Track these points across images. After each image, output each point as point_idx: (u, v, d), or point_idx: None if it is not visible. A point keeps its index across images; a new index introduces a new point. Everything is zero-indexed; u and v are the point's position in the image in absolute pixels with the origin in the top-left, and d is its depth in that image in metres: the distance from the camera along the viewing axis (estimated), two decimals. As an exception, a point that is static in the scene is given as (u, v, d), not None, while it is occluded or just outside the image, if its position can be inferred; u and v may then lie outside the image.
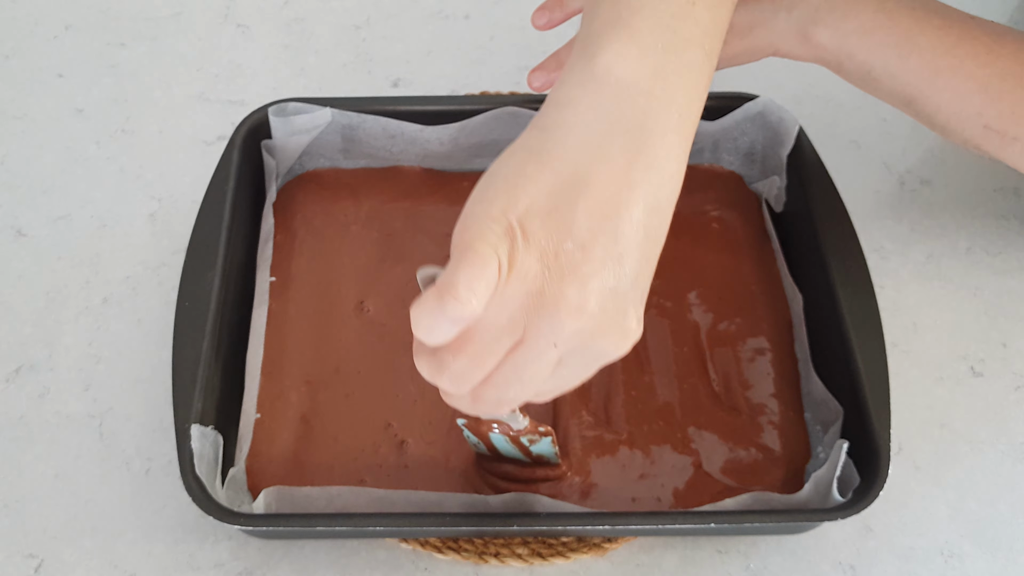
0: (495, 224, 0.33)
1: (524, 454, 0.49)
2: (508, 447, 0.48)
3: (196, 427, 0.48)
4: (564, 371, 0.35)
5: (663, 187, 0.35)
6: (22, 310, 0.59)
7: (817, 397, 0.53)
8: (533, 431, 0.46)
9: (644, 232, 0.34)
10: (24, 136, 0.67)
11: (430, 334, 0.33)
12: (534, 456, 0.49)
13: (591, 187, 0.33)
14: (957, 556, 0.51)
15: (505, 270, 0.32)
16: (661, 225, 0.35)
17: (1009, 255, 0.62)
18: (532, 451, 0.48)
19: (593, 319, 0.33)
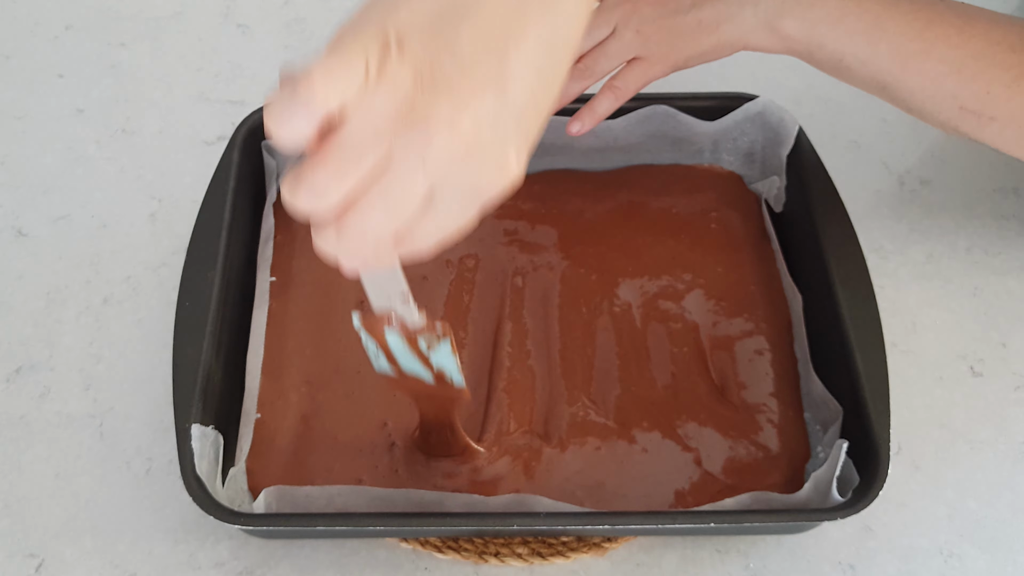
0: (370, 28, 0.31)
1: (425, 365, 0.45)
2: (408, 358, 0.45)
3: (196, 427, 0.48)
4: (438, 208, 0.32)
5: (560, 28, 0.33)
6: (23, 310, 0.59)
7: (817, 397, 0.53)
8: (430, 330, 0.43)
9: (535, 69, 0.32)
10: (25, 136, 0.67)
11: (281, 126, 0.30)
12: (436, 371, 0.45)
13: (480, 13, 0.31)
14: (957, 556, 0.51)
15: (373, 74, 0.30)
16: (554, 69, 0.33)
17: (1009, 255, 0.62)
18: (433, 362, 0.45)
19: (465, 142, 0.30)
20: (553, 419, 0.53)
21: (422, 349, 0.45)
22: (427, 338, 0.44)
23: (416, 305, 0.43)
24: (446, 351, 0.45)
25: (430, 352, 0.45)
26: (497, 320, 0.56)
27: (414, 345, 0.45)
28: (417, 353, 0.45)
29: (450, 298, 0.57)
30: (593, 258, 0.59)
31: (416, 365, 0.46)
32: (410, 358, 0.46)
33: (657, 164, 0.63)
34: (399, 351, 0.46)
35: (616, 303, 0.57)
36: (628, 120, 0.59)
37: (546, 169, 0.63)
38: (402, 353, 0.46)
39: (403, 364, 0.46)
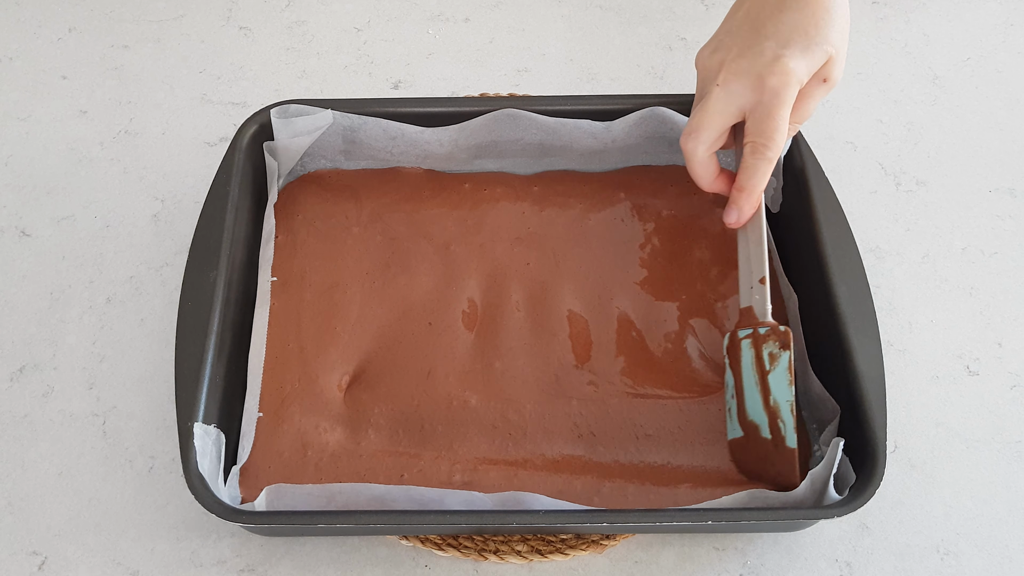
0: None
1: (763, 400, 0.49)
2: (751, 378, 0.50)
3: (199, 425, 0.48)
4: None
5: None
6: (26, 310, 0.60)
7: (814, 396, 0.53)
8: (772, 331, 0.49)
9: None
10: (28, 137, 0.68)
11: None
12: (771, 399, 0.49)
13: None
14: (953, 554, 0.51)
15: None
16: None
17: (1004, 255, 0.62)
18: (771, 388, 0.49)
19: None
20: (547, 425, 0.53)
21: (764, 364, 0.49)
22: (770, 344, 0.49)
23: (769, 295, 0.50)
24: (783, 370, 0.49)
25: (771, 371, 0.49)
26: (497, 318, 0.57)
27: (758, 360, 0.50)
28: (759, 372, 0.49)
29: (452, 297, 0.58)
30: (592, 258, 0.59)
31: (756, 396, 0.50)
32: (752, 385, 0.50)
33: (655, 165, 0.63)
34: (747, 376, 0.50)
35: (614, 303, 0.58)
36: (626, 122, 0.60)
37: (545, 170, 0.63)
38: (748, 378, 0.50)
39: (747, 397, 0.50)
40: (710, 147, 0.51)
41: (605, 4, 0.76)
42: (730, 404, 0.51)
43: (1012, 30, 0.74)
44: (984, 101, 0.70)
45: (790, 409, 0.49)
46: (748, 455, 0.51)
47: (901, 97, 0.70)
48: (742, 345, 0.51)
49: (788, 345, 0.49)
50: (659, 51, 0.73)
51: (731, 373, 0.51)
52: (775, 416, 0.49)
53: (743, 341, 0.51)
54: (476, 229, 0.61)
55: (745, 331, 0.51)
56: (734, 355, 0.51)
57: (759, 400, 0.50)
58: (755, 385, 0.50)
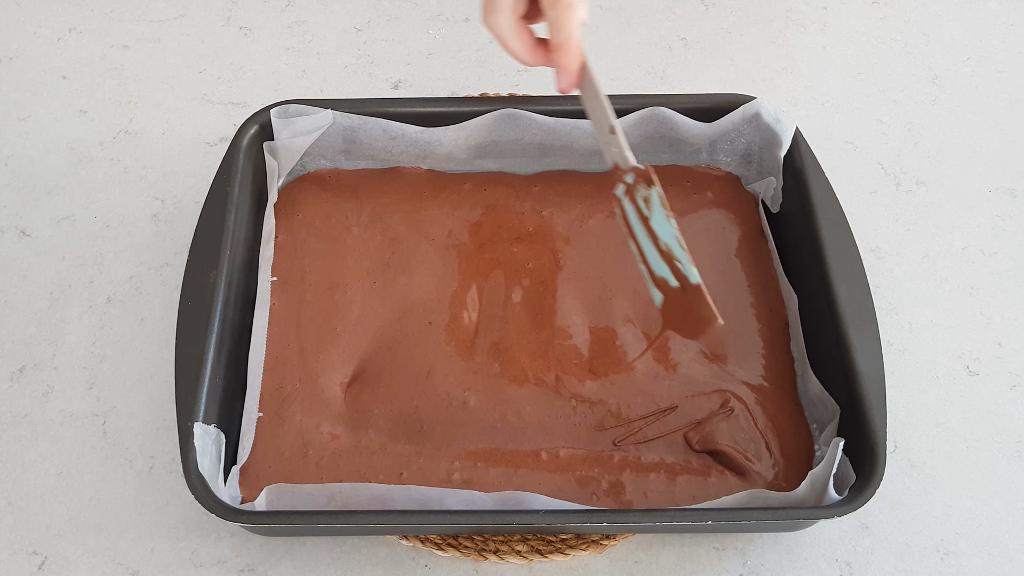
0: None
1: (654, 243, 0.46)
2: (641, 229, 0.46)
3: (199, 425, 0.48)
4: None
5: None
6: (26, 310, 0.60)
7: (814, 396, 0.53)
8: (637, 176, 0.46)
9: None
10: (28, 137, 0.68)
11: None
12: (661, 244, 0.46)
13: None
14: (953, 554, 0.51)
15: None
16: None
17: (1004, 255, 0.62)
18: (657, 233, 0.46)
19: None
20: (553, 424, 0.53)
21: (643, 211, 0.46)
22: (640, 189, 0.46)
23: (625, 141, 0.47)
24: (659, 208, 0.46)
25: (650, 216, 0.46)
26: (497, 319, 0.57)
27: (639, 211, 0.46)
28: (642, 222, 0.46)
29: (455, 296, 0.58)
30: (591, 258, 0.59)
31: (651, 248, 0.46)
32: (645, 238, 0.46)
33: (655, 165, 0.63)
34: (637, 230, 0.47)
35: (614, 303, 0.58)
36: (626, 122, 0.60)
37: (545, 170, 0.63)
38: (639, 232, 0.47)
39: (647, 254, 0.47)
40: (512, 13, 0.45)
41: (605, 4, 0.76)
42: (641, 269, 0.47)
43: (1012, 30, 0.74)
44: (984, 101, 0.70)
45: (679, 245, 0.46)
46: (675, 316, 0.47)
47: (901, 97, 0.70)
48: (623, 203, 0.47)
49: (652, 180, 0.46)
50: (659, 51, 0.73)
51: (630, 240, 0.47)
52: (671, 259, 0.46)
53: (623, 199, 0.47)
54: (476, 229, 0.61)
55: (619, 187, 0.47)
56: (624, 217, 0.47)
57: (655, 250, 0.47)
58: (646, 237, 0.47)
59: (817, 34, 0.74)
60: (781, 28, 0.74)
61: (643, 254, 0.48)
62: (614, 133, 0.46)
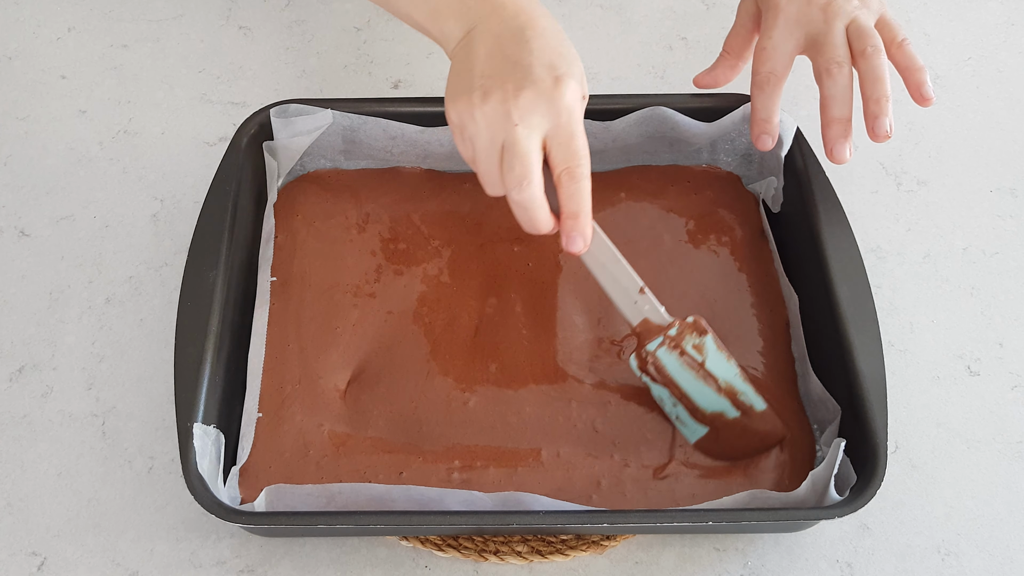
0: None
1: (712, 385, 0.50)
2: (692, 381, 0.50)
3: (198, 426, 0.48)
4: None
5: None
6: (25, 310, 0.59)
7: (815, 396, 0.53)
8: (683, 327, 0.49)
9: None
10: (27, 137, 0.68)
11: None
12: (724, 388, 0.50)
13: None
14: (954, 554, 0.51)
15: None
16: None
17: (1006, 255, 0.62)
18: (716, 375, 0.50)
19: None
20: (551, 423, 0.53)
21: (695, 358, 0.50)
22: (689, 339, 0.49)
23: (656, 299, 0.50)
24: (715, 352, 0.50)
25: (706, 360, 0.50)
26: (497, 319, 0.57)
27: (686, 358, 0.50)
28: (694, 368, 0.50)
29: (455, 296, 0.58)
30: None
31: (704, 389, 0.50)
32: (693, 380, 0.50)
33: (655, 165, 0.63)
34: (682, 377, 0.50)
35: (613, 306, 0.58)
36: (626, 121, 0.60)
37: (545, 170, 0.63)
38: (685, 378, 0.50)
39: (694, 395, 0.50)
40: (542, 187, 0.48)
41: (605, 4, 0.75)
42: (675, 413, 0.52)
43: (1013, 30, 0.74)
44: (985, 101, 0.70)
45: (742, 379, 0.51)
46: (724, 443, 0.51)
47: (902, 97, 0.70)
48: (659, 356, 0.51)
49: (704, 330, 0.50)
50: (659, 51, 0.73)
51: (659, 387, 0.51)
52: (734, 394, 0.51)
53: (658, 351, 0.51)
54: (476, 229, 0.61)
55: (655, 342, 0.51)
56: (658, 368, 0.51)
57: (710, 391, 0.51)
58: (697, 380, 0.51)
59: (818, 34, 0.74)
60: (782, 28, 0.74)
61: (687, 398, 0.51)
62: (644, 292, 0.50)
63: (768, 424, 0.51)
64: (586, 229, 0.48)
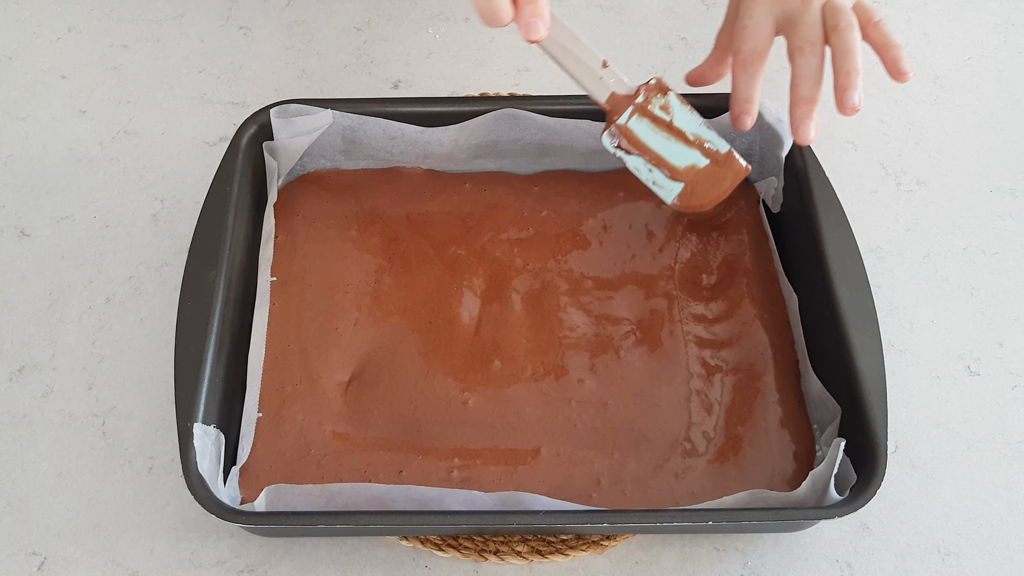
0: None
1: (683, 141, 0.51)
2: (665, 142, 0.51)
3: (198, 426, 0.48)
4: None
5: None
6: (25, 310, 0.59)
7: (815, 396, 0.53)
8: (648, 91, 0.51)
9: None
10: (27, 137, 0.68)
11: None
12: (689, 136, 0.52)
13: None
14: (954, 554, 0.51)
15: None
16: None
17: (1005, 255, 0.62)
18: (685, 131, 0.51)
19: None
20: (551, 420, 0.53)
21: (663, 119, 0.51)
22: (655, 101, 0.51)
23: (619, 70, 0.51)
24: (680, 107, 0.51)
25: (673, 118, 0.51)
26: (496, 319, 0.57)
27: (655, 120, 0.51)
28: (664, 127, 0.51)
29: (452, 297, 0.58)
30: (592, 258, 0.59)
31: (677, 147, 0.52)
32: (666, 141, 0.52)
33: (656, 165, 0.63)
34: (654, 141, 0.52)
35: (613, 303, 0.58)
36: (627, 121, 0.60)
37: (545, 170, 0.63)
38: (657, 141, 0.52)
39: (667, 155, 0.52)
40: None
41: (605, 4, 0.75)
42: (652, 178, 0.53)
43: (1013, 30, 0.74)
44: (985, 101, 0.70)
45: (706, 127, 0.53)
46: (699, 193, 0.54)
47: (902, 97, 0.70)
48: (631, 126, 0.52)
49: (666, 88, 0.52)
50: (659, 51, 0.73)
51: (634, 157, 0.53)
52: (702, 143, 0.53)
53: (630, 122, 0.52)
54: (476, 229, 0.61)
55: (625, 114, 0.52)
56: (631, 139, 0.52)
57: (681, 146, 0.53)
58: (668, 139, 0.52)
59: (818, 34, 0.74)
60: (781, 28, 0.74)
61: (661, 159, 0.53)
62: (607, 67, 0.50)
63: (733, 164, 0.53)
64: (544, 12, 0.48)
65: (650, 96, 0.51)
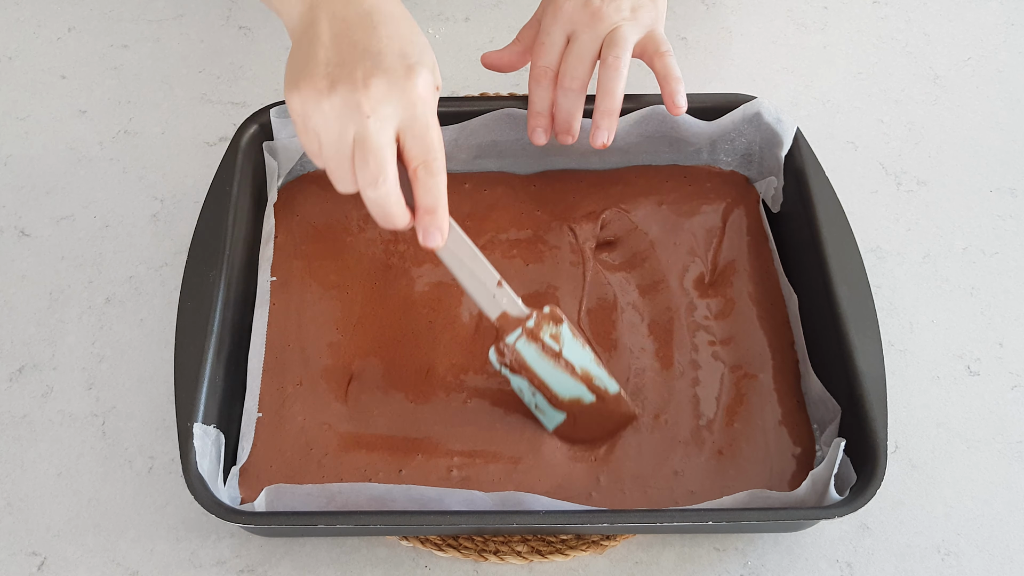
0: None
1: (571, 373, 0.51)
2: (551, 371, 0.51)
3: (198, 426, 0.48)
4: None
5: None
6: (25, 310, 0.59)
7: (815, 396, 0.53)
8: (541, 318, 0.50)
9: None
10: (27, 137, 0.68)
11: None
12: (582, 376, 0.51)
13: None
14: (954, 554, 0.51)
15: None
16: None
17: (1005, 255, 0.62)
18: (574, 364, 0.51)
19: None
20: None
21: (552, 348, 0.50)
22: (546, 329, 0.50)
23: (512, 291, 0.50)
24: (571, 340, 0.51)
25: (563, 349, 0.50)
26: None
27: (544, 347, 0.50)
28: (552, 356, 0.51)
29: (452, 297, 0.58)
30: (589, 258, 0.59)
31: (564, 378, 0.51)
32: (552, 370, 0.51)
33: (655, 165, 0.63)
34: (541, 367, 0.51)
35: (613, 303, 0.57)
36: (626, 121, 0.60)
37: (545, 169, 0.63)
38: (544, 367, 0.51)
39: (552, 383, 0.51)
40: (397, 183, 0.45)
41: (605, 4, 0.75)
42: (534, 402, 0.52)
43: (1013, 30, 0.74)
44: (985, 101, 0.70)
45: (596, 364, 0.52)
46: (581, 427, 0.52)
47: (902, 97, 0.70)
48: (518, 348, 0.51)
49: (560, 318, 0.51)
50: (659, 51, 0.72)
51: (518, 378, 0.52)
52: (589, 379, 0.52)
53: (517, 343, 0.51)
54: (477, 229, 0.61)
55: (514, 334, 0.51)
56: (517, 360, 0.51)
57: (567, 378, 0.51)
58: (554, 369, 0.51)
59: (818, 34, 0.74)
60: (782, 28, 0.74)
61: (544, 386, 0.52)
62: (501, 286, 0.50)
63: (622, 406, 0.52)
64: (443, 223, 0.46)
65: (542, 323, 0.51)
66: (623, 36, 0.54)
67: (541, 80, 0.56)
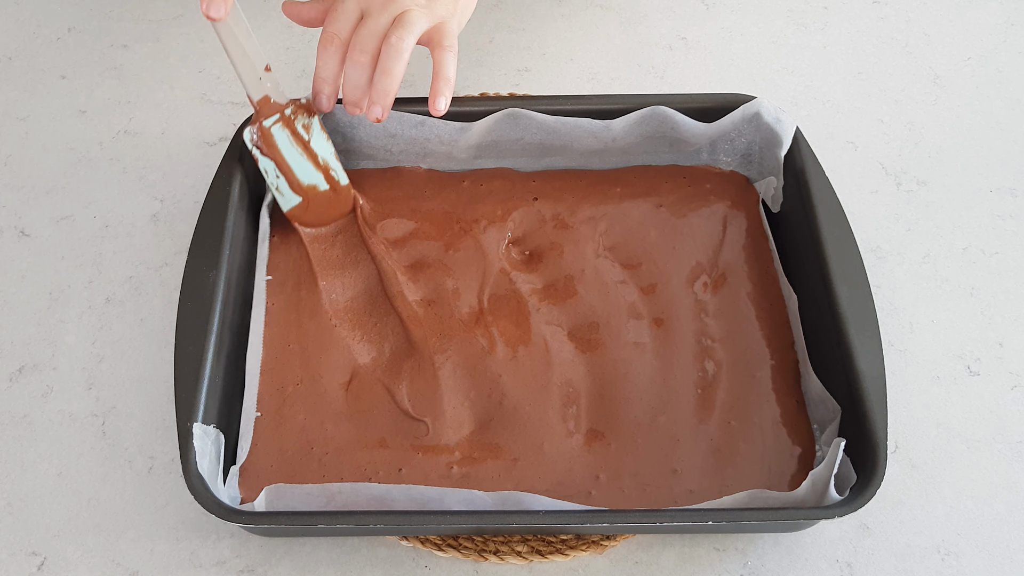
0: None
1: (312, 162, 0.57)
2: (297, 157, 0.56)
3: (198, 426, 0.48)
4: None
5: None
6: (25, 310, 0.59)
7: (815, 396, 0.53)
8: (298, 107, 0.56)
9: None
10: (28, 137, 0.68)
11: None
12: (319, 159, 0.57)
13: None
14: (954, 554, 0.51)
15: None
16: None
17: (1005, 255, 0.62)
18: (316, 152, 0.57)
19: None
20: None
21: (303, 136, 0.56)
22: (300, 118, 0.56)
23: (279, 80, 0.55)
24: (319, 132, 0.57)
25: (311, 139, 0.56)
26: (496, 317, 0.57)
27: (295, 134, 0.55)
28: (300, 143, 0.56)
29: (452, 296, 0.58)
30: (591, 254, 0.59)
31: (307, 165, 0.57)
32: (299, 157, 0.56)
33: (655, 165, 0.63)
34: (289, 152, 0.56)
35: (612, 302, 0.58)
36: (626, 121, 0.60)
37: (545, 169, 0.63)
38: (291, 153, 0.56)
39: (296, 169, 0.57)
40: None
41: (605, 4, 0.75)
42: (276, 184, 0.57)
43: (1013, 30, 0.74)
44: (985, 101, 0.70)
45: (336, 158, 0.58)
46: (312, 212, 0.58)
47: (902, 97, 0.70)
48: (273, 131, 0.56)
49: (314, 111, 0.56)
50: (659, 51, 0.73)
51: (266, 159, 0.57)
52: (328, 170, 0.58)
53: (273, 127, 0.56)
54: (476, 228, 0.61)
55: (271, 118, 0.56)
56: (268, 142, 0.56)
57: (309, 165, 0.57)
58: (300, 156, 0.57)
59: (818, 34, 0.74)
60: (782, 28, 0.74)
61: (289, 170, 0.57)
62: (269, 71, 0.55)
63: (350, 196, 0.59)
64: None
65: (298, 112, 0.56)
66: (411, 20, 0.54)
67: (327, 46, 0.55)
